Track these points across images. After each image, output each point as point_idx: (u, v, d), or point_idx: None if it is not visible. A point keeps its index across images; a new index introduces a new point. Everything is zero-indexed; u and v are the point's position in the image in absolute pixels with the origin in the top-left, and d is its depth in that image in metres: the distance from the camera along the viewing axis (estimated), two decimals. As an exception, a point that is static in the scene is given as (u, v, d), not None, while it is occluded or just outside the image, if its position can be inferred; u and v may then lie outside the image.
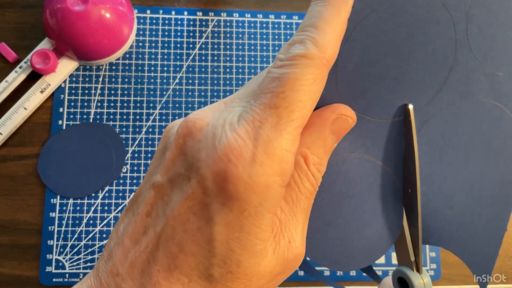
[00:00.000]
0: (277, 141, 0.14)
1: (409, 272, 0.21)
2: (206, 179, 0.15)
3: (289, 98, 0.15)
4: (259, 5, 0.47)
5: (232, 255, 0.15)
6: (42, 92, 0.42)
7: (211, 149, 0.15)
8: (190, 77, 0.45)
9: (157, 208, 0.16)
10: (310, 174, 0.17)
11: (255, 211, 0.15)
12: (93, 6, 0.39)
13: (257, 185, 0.14)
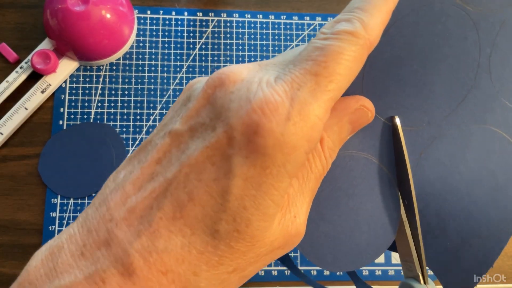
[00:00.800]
0: (312, 106, 0.14)
1: (416, 285, 0.21)
2: (234, 129, 0.14)
3: (330, 68, 0.15)
4: (259, 6, 0.47)
5: (244, 212, 0.14)
6: (43, 92, 0.42)
7: (244, 100, 0.14)
8: (190, 77, 0.45)
9: (170, 156, 0.15)
10: (323, 156, 0.17)
11: (277, 171, 0.14)
12: (93, 7, 0.39)
13: (286, 144, 0.14)
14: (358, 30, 0.15)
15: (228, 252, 0.15)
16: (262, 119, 0.14)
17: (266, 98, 0.14)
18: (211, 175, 0.14)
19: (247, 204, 0.14)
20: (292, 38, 0.46)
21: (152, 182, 0.15)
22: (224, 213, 0.14)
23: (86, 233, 0.15)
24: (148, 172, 0.15)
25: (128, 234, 0.14)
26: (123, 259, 0.14)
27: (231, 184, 0.14)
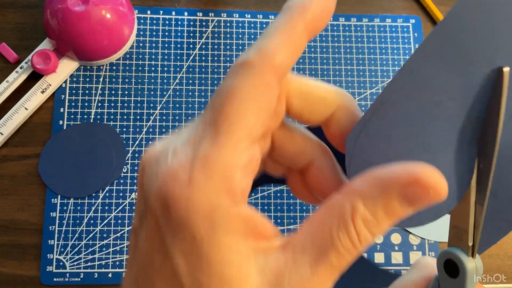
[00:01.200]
0: (216, 157, 0.13)
1: (460, 254, 0.18)
2: (154, 209, 0.14)
3: (226, 110, 0.13)
4: (259, 6, 0.47)
5: (200, 285, 0.13)
6: (43, 92, 0.42)
7: (155, 177, 0.14)
8: (190, 77, 0.45)
9: (136, 250, 0.15)
10: (353, 230, 0.13)
11: (208, 235, 0.13)
12: (93, 7, 0.39)
13: (200, 208, 0.13)
14: (251, 58, 0.14)
15: None
16: (168, 191, 0.13)
17: (168, 168, 0.13)
18: (159, 261, 0.14)
19: (199, 277, 0.13)
20: (292, 38, 0.46)
21: (131, 278, 0.15)
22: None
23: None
24: (129, 267, 0.16)
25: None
26: None
27: (175, 264, 0.13)
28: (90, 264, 0.40)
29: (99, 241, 0.40)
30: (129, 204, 0.41)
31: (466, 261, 0.18)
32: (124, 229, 0.41)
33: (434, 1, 0.49)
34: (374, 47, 0.47)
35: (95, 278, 0.40)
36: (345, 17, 0.48)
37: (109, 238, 0.40)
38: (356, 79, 0.46)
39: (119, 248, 0.40)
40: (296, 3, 0.15)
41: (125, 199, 0.41)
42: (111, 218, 0.41)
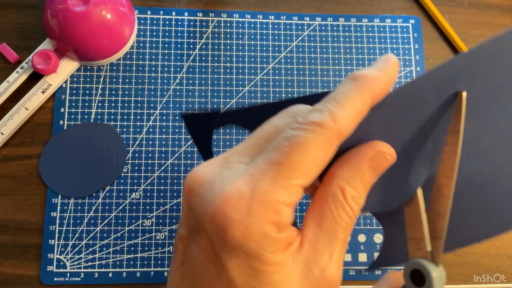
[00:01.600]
0: (272, 194, 0.15)
1: (426, 263, 0.19)
2: (209, 232, 0.16)
3: (293, 158, 0.16)
4: (259, 6, 0.48)
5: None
6: (43, 93, 0.42)
7: (210, 204, 0.16)
8: (190, 77, 0.45)
9: (186, 257, 0.18)
10: (347, 206, 0.17)
11: (259, 255, 0.16)
12: (94, 7, 0.40)
13: (253, 235, 0.15)
14: (325, 121, 0.16)
15: None
16: (225, 219, 0.15)
17: (226, 197, 0.16)
18: (214, 271, 0.16)
19: (252, 282, 0.16)
20: (292, 39, 0.46)
21: (184, 282, 0.18)
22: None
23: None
24: (179, 273, 0.18)
25: None
26: None
27: (231, 275, 0.16)
28: (90, 264, 0.40)
29: (100, 241, 0.40)
30: (129, 204, 0.41)
31: (431, 269, 0.19)
32: (124, 229, 0.41)
33: (434, 1, 0.49)
34: (374, 47, 0.47)
35: (95, 278, 0.40)
36: (345, 17, 0.48)
37: (109, 238, 0.41)
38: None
39: (119, 248, 0.40)
40: (365, 77, 0.17)
41: (125, 199, 0.42)
42: (112, 218, 0.41)
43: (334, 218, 0.17)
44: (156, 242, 0.41)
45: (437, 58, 0.48)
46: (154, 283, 0.40)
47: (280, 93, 0.45)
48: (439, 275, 0.19)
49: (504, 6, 0.50)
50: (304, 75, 0.46)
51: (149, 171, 0.42)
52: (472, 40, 0.49)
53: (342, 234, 0.17)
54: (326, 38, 0.47)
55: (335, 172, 0.18)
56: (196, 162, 0.43)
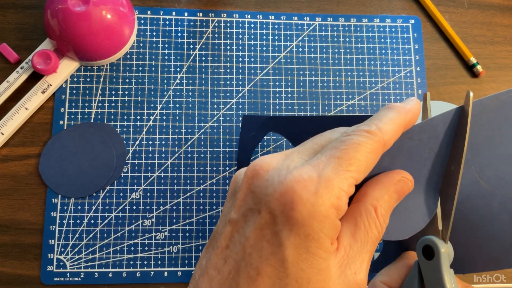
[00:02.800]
0: (336, 181, 0.18)
1: (436, 240, 0.23)
2: (274, 209, 0.18)
3: (350, 154, 0.18)
4: (259, 6, 0.48)
5: (302, 273, 0.18)
6: (43, 93, 0.42)
7: (277, 185, 0.18)
8: (190, 77, 0.45)
9: (234, 241, 0.19)
10: (378, 222, 0.20)
11: (317, 236, 0.18)
12: (94, 7, 0.40)
13: (318, 214, 0.17)
14: (374, 130, 0.19)
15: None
16: (294, 196, 0.17)
17: (295, 178, 0.18)
18: (268, 250, 0.18)
19: (303, 266, 0.18)
20: (292, 39, 0.46)
21: (227, 265, 0.19)
22: (287, 278, 0.18)
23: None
24: (221, 257, 0.19)
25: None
26: None
27: (286, 254, 0.18)
28: (90, 264, 0.40)
29: (100, 241, 0.40)
30: (129, 204, 0.41)
31: (439, 244, 0.22)
32: (125, 229, 0.41)
33: (434, 1, 0.49)
34: (373, 47, 0.47)
35: (95, 277, 0.40)
36: (345, 18, 0.48)
37: (109, 238, 0.41)
38: (356, 79, 0.46)
39: (119, 248, 0.40)
40: (400, 106, 0.21)
41: (125, 199, 0.42)
42: (112, 218, 0.41)
43: (367, 231, 0.20)
44: (156, 242, 0.41)
45: (437, 58, 0.48)
46: (154, 283, 0.40)
47: (280, 93, 0.45)
48: (447, 251, 0.22)
49: (504, 6, 0.50)
50: (304, 75, 0.46)
51: (149, 171, 0.42)
52: (472, 40, 0.49)
53: (371, 246, 0.20)
54: (326, 38, 0.47)
55: (367, 191, 0.21)
56: (196, 162, 0.43)
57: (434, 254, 0.22)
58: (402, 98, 0.46)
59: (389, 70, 0.47)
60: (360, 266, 0.19)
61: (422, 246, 0.23)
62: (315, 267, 0.18)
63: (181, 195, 0.42)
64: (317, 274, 0.18)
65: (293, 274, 0.18)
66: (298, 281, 0.18)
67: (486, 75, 0.48)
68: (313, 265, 0.18)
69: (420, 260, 0.23)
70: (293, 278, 0.18)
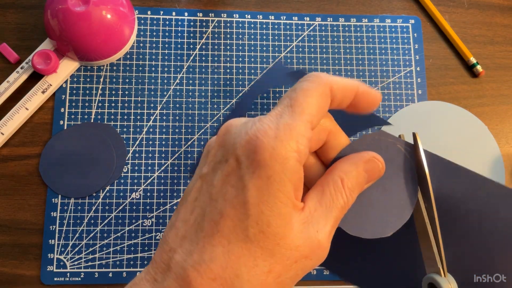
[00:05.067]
0: (293, 125, 0.19)
1: (438, 278, 0.24)
2: (240, 155, 0.19)
3: (300, 100, 0.20)
4: (259, 6, 0.48)
5: (263, 216, 0.18)
6: (44, 93, 0.42)
7: (243, 135, 0.19)
8: (190, 77, 0.45)
9: (203, 191, 0.20)
10: (344, 193, 0.21)
11: (279, 178, 0.18)
12: (94, 7, 0.40)
13: (279, 155, 0.18)
14: (322, 74, 0.21)
15: (259, 252, 0.18)
16: (257, 141, 0.19)
17: (257, 128, 0.19)
18: (232, 193, 0.19)
19: (263, 208, 0.18)
20: (292, 39, 0.47)
21: (193, 214, 0.20)
22: (248, 220, 0.18)
23: (156, 265, 0.20)
24: (189, 209, 0.20)
25: (183, 255, 0.19)
26: (182, 274, 0.18)
27: (247, 195, 0.18)
28: (90, 263, 0.40)
29: (100, 241, 0.40)
30: (129, 204, 0.41)
31: (442, 282, 0.24)
32: (125, 229, 0.41)
33: (434, 1, 0.49)
34: (373, 47, 0.47)
35: (95, 277, 0.40)
36: (344, 18, 0.48)
37: (109, 238, 0.41)
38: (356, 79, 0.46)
39: (119, 248, 0.40)
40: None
41: (125, 199, 0.42)
42: (112, 218, 0.41)
43: (332, 198, 0.21)
44: (156, 242, 0.41)
45: (437, 58, 0.48)
46: (154, 283, 0.40)
47: (280, 93, 0.45)
48: (450, 286, 0.24)
49: (504, 6, 0.50)
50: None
51: (149, 171, 0.42)
52: (472, 40, 0.49)
53: (335, 213, 0.21)
54: (326, 38, 0.47)
55: (337, 164, 0.22)
56: (196, 162, 0.43)
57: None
58: (402, 98, 0.46)
59: (389, 70, 0.47)
60: (323, 227, 0.20)
61: (427, 284, 0.25)
62: (275, 210, 0.18)
63: (181, 195, 0.42)
64: (277, 219, 0.19)
65: (254, 215, 0.18)
66: (258, 223, 0.18)
67: (486, 75, 0.48)
68: (274, 208, 0.18)
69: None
70: (254, 219, 0.18)
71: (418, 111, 0.46)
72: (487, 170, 0.44)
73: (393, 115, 0.45)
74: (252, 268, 0.18)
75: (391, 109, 0.46)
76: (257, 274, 0.18)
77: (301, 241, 0.19)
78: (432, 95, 0.46)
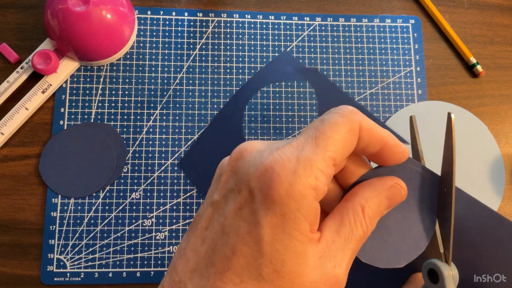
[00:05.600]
0: (314, 161, 0.18)
1: (439, 263, 0.23)
2: (254, 188, 0.18)
3: (327, 133, 0.18)
4: (259, 6, 0.48)
5: (277, 254, 0.17)
6: (44, 93, 0.42)
7: (259, 164, 0.18)
8: (190, 77, 0.45)
9: (213, 221, 0.19)
10: (364, 222, 0.20)
11: (294, 216, 0.17)
12: (94, 7, 0.40)
13: (295, 193, 0.17)
14: (354, 110, 0.19)
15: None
16: (273, 175, 0.17)
17: (275, 159, 0.18)
18: (245, 229, 0.18)
19: (278, 247, 0.18)
20: (292, 39, 0.47)
21: (204, 245, 0.19)
22: (262, 259, 0.18)
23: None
24: (200, 238, 0.19)
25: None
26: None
27: (261, 233, 0.18)
28: (90, 264, 0.40)
29: (100, 241, 0.40)
30: (129, 204, 0.41)
31: (442, 267, 0.23)
32: (125, 229, 0.41)
33: (434, 1, 0.49)
34: (373, 47, 0.47)
35: (95, 277, 0.40)
36: (344, 18, 0.48)
37: (109, 238, 0.41)
38: (356, 79, 0.46)
39: (119, 248, 0.40)
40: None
41: (125, 199, 0.42)
42: (112, 218, 0.41)
43: (352, 229, 0.20)
44: (156, 242, 0.41)
45: (437, 58, 0.48)
46: (154, 283, 0.40)
47: (280, 93, 0.45)
48: (451, 274, 0.23)
49: (504, 6, 0.50)
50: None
51: (149, 171, 0.42)
52: (472, 40, 0.49)
53: (354, 245, 0.20)
54: (326, 38, 0.47)
55: (358, 191, 0.21)
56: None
57: (438, 277, 0.23)
58: (402, 98, 0.46)
59: (389, 70, 0.47)
60: (341, 261, 0.19)
61: (427, 270, 0.24)
62: (290, 249, 0.18)
63: (181, 195, 0.42)
64: (293, 257, 0.18)
65: (268, 254, 0.17)
66: (272, 262, 0.18)
67: (486, 75, 0.48)
68: (289, 247, 0.18)
69: (427, 283, 0.24)
70: (268, 258, 0.17)
71: (418, 111, 0.46)
72: (487, 170, 0.44)
73: (393, 115, 0.45)
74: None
75: (391, 109, 0.46)
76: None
77: (317, 277, 0.18)
78: (432, 95, 0.46)
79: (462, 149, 0.45)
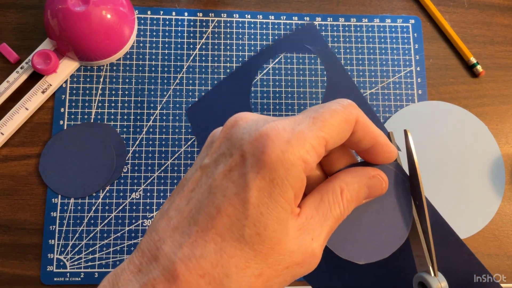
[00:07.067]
0: (308, 136, 0.19)
1: (428, 277, 0.24)
2: (247, 152, 0.18)
3: (325, 116, 0.19)
4: (259, 6, 0.48)
5: (261, 217, 0.18)
6: (43, 93, 0.42)
7: (253, 131, 0.19)
8: (190, 77, 0.45)
9: (201, 183, 0.19)
10: (341, 203, 0.21)
11: (282, 183, 0.18)
12: (94, 7, 0.40)
13: (286, 161, 0.18)
14: (353, 104, 0.21)
15: (252, 255, 0.18)
16: (267, 140, 0.18)
17: (271, 126, 0.19)
18: (233, 190, 0.18)
19: (263, 210, 0.18)
20: (292, 39, 0.47)
21: (189, 205, 0.19)
22: (246, 220, 0.18)
23: (141, 254, 0.19)
24: (185, 198, 0.20)
25: (172, 247, 0.18)
26: (169, 267, 0.18)
27: (249, 195, 0.18)
28: (90, 264, 0.40)
29: (100, 241, 0.40)
30: (129, 204, 0.41)
31: (431, 281, 0.24)
32: (124, 229, 0.41)
33: (434, 1, 0.49)
34: (374, 47, 0.47)
35: (95, 277, 0.40)
36: (345, 18, 0.48)
37: (109, 238, 0.41)
38: (356, 79, 0.46)
39: (119, 248, 0.40)
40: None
41: (125, 199, 0.42)
42: (112, 218, 0.41)
43: (330, 207, 0.20)
44: (156, 242, 0.41)
45: (437, 58, 0.48)
46: (154, 283, 0.40)
47: (280, 93, 0.45)
48: (440, 286, 0.24)
49: (504, 6, 0.50)
50: (304, 75, 0.46)
51: (149, 171, 0.42)
52: (472, 40, 0.49)
53: (331, 222, 0.20)
54: (326, 38, 0.47)
55: (340, 174, 0.22)
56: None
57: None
58: (402, 98, 0.46)
59: (389, 70, 0.47)
60: (318, 236, 0.20)
61: (417, 283, 0.25)
62: (274, 214, 0.18)
63: (181, 195, 0.42)
64: (275, 223, 0.18)
65: (252, 216, 0.18)
66: (256, 224, 0.18)
67: (486, 75, 0.48)
68: (273, 212, 0.18)
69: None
70: (251, 220, 0.18)
71: (418, 111, 0.45)
72: (487, 170, 0.44)
73: (393, 115, 0.45)
74: (242, 269, 0.18)
75: (391, 109, 0.46)
76: (247, 276, 0.18)
77: (295, 247, 0.19)
78: (432, 95, 0.46)
79: (462, 149, 0.45)
